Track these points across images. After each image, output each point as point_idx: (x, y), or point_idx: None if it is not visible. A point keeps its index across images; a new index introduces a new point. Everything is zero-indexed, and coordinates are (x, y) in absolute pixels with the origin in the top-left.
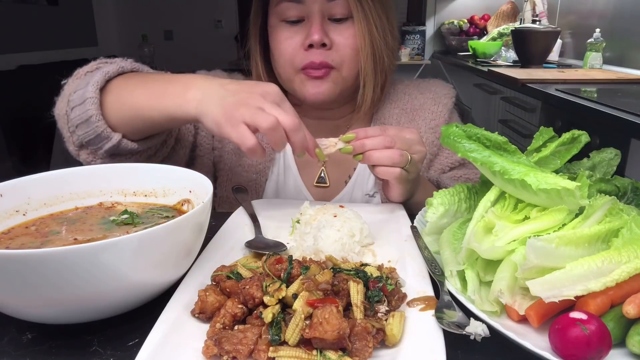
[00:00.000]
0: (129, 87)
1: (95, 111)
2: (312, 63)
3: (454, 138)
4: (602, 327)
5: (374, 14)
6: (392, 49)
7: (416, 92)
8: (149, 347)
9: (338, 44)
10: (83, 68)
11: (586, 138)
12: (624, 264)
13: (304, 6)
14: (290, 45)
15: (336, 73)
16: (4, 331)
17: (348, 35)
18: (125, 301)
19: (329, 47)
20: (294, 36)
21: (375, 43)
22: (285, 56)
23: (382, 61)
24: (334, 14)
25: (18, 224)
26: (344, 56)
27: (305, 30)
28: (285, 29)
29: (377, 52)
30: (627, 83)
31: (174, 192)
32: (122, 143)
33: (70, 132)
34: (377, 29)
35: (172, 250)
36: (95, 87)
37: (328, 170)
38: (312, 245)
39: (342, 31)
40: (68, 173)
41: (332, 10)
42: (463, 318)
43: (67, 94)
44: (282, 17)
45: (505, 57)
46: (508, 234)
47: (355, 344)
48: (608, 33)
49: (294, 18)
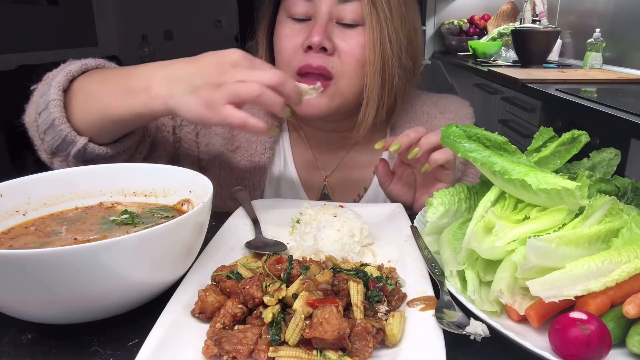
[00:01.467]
0: (91, 86)
1: (58, 114)
2: (309, 66)
3: (454, 138)
4: (602, 327)
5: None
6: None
7: (435, 111)
8: (149, 347)
9: (341, 51)
10: (52, 71)
11: (586, 138)
12: (624, 264)
13: (313, 4)
14: (290, 43)
15: (333, 86)
16: (4, 331)
17: (355, 44)
18: (125, 301)
19: (330, 52)
20: (296, 34)
21: (387, 59)
22: (283, 54)
23: (391, 80)
24: (343, 17)
25: (18, 224)
26: (346, 66)
27: (309, 28)
28: (290, 25)
29: (387, 69)
30: (627, 83)
31: (174, 192)
32: (88, 147)
33: (41, 139)
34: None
35: (172, 250)
36: (57, 88)
37: (331, 185)
38: (312, 245)
39: (349, 38)
40: (68, 173)
41: (342, 14)
42: (463, 318)
43: (35, 100)
44: (289, 12)
45: (505, 57)
46: (508, 234)
47: (355, 344)
48: (608, 33)
49: (301, 15)
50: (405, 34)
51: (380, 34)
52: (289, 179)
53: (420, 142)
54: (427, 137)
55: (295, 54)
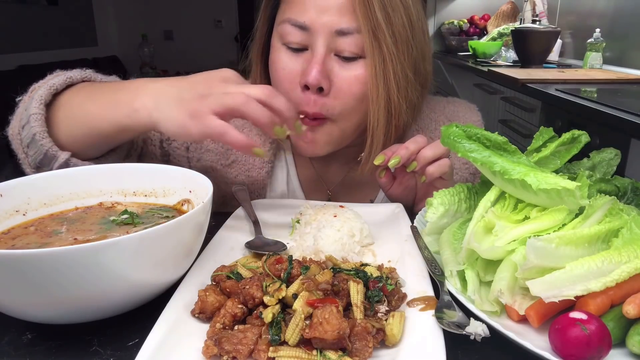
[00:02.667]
0: (76, 100)
1: (39, 128)
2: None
3: (454, 138)
4: (602, 327)
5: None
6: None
7: (443, 119)
8: (149, 347)
9: (338, 88)
10: (38, 83)
11: (586, 138)
12: (624, 264)
13: (309, 34)
14: (287, 77)
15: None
16: (4, 331)
17: (354, 80)
18: (125, 301)
19: (327, 92)
20: (293, 66)
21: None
22: (281, 89)
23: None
24: (342, 50)
25: (18, 224)
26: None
27: (305, 61)
28: (285, 55)
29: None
30: (627, 83)
31: (174, 192)
32: (70, 162)
33: (25, 152)
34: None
35: (172, 250)
36: (39, 102)
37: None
38: (312, 245)
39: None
40: (68, 173)
41: (340, 46)
42: (463, 318)
43: (19, 112)
44: (283, 39)
45: (505, 57)
46: (508, 234)
47: (355, 344)
48: (608, 33)
49: (296, 45)
50: (412, 64)
51: (384, 68)
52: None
53: (418, 156)
54: (424, 151)
55: (293, 89)
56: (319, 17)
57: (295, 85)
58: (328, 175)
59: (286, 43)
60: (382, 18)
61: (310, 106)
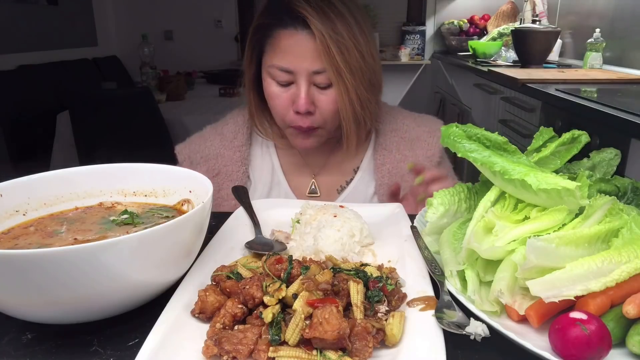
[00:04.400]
0: None
1: None
2: (300, 127)
3: (454, 138)
4: (602, 327)
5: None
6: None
7: (414, 124)
8: (149, 347)
9: (321, 108)
10: None
11: (586, 138)
12: (624, 264)
13: (293, 75)
14: (281, 104)
15: (321, 130)
16: (4, 331)
17: (330, 102)
18: (125, 301)
19: (314, 112)
20: (284, 95)
21: (356, 106)
22: (276, 112)
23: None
24: (319, 82)
25: (18, 224)
26: (327, 118)
27: (294, 93)
28: (277, 88)
29: (357, 112)
30: (627, 83)
31: (174, 192)
32: None
33: None
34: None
35: (172, 250)
36: None
37: (318, 181)
38: (312, 245)
39: (326, 97)
40: (68, 173)
41: (316, 80)
42: (463, 318)
43: None
44: (273, 78)
45: (505, 57)
46: (508, 234)
47: (355, 344)
48: (608, 33)
49: (284, 82)
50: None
51: (347, 92)
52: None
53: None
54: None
55: (287, 112)
56: (300, 63)
57: (289, 109)
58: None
59: (276, 80)
60: (340, 60)
61: (303, 121)
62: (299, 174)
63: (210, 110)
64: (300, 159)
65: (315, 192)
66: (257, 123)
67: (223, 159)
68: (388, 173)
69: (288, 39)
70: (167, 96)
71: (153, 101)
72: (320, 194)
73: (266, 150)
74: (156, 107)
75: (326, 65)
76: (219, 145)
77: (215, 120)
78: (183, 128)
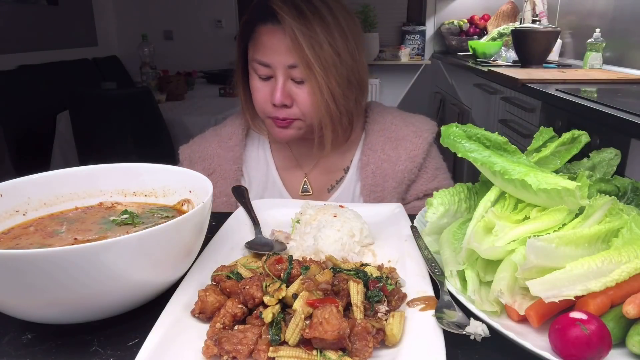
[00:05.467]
0: None
1: None
2: (277, 118)
3: (454, 138)
4: (602, 327)
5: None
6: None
7: (402, 124)
8: (149, 347)
9: (298, 101)
10: None
11: (586, 138)
12: (624, 264)
13: (271, 68)
14: (262, 96)
15: (299, 121)
16: (4, 331)
17: (305, 96)
18: (125, 301)
19: (290, 105)
20: (264, 89)
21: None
22: (257, 104)
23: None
24: (295, 77)
25: (18, 224)
26: (304, 110)
27: (272, 85)
28: (258, 82)
29: (331, 108)
30: (627, 83)
31: (174, 192)
32: None
33: None
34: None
35: (172, 250)
36: None
37: (310, 179)
38: (312, 245)
39: (301, 91)
40: (68, 173)
41: (292, 74)
42: (463, 318)
43: None
44: (255, 71)
45: (505, 57)
46: (508, 234)
47: (355, 344)
48: (608, 33)
49: (264, 76)
50: (344, 75)
51: (319, 87)
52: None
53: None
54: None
55: (266, 104)
56: (276, 57)
57: (267, 102)
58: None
59: (257, 74)
60: (311, 55)
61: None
62: (292, 173)
63: (210, 111)
64: (293, 158)
65: (307, 191)
66: (249, 118)
67: (218, 158)
68: (372, 173)
69: (266, 35)
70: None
71: (153, 101)
72: (312, 192)
73: (262, 150)
74: (156, 107)
75: (297, 59)
76: (215, 146)
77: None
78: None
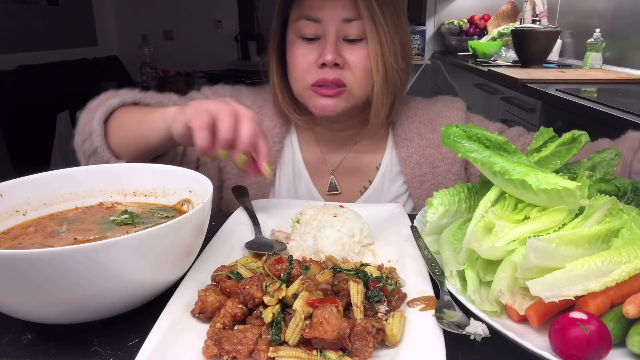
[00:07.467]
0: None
1: (99, 142)
2: (324, 80)
3: (454, 138)
4: (602, 327)
5: (387, 37)
6: (403, 70)
7: (429, 106)
8: (149, 347)
9: (351, 63)
10: (95, 100)
11: (586, 138)
12: (624, 264)
13: (321, 25)
14: (304, 62)
15: (348, 92)
16: (4, 331)
17: (361, 57)
18: (125, 301)
19: (342, 66)
20: (309, 53)
21: (388, 65)
22: (298, 71)
23: (393, 82)
24: (349, 34)
25: (18, 224)
26: (356, 76)
27: (320, 48)
28: (302, 45)
29: (389, 74)
30: (627, 83)
31: (174, 192)
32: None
33: (87, 161)
34: (389, 51)
35: (172, 250)
36: (99, 120)
37: (338, 178)
38: (312, 245)
39: (356, 52)
40: (68, 173)
41: (347, 31)
42: (463, 318)
43: (80, 128)
44: (299, 33)
45: (505, 57)
46: (508, 234)
47: (355, 344)
48: (608, 33)
49: (311, 35)
50: (400, 41)
51: (381, 45)
52: (299, 173)
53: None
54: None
55: (309, 70)
56: (329, 12)
57: (312, 66)
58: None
59: (302, 35)
60: (377, 8)
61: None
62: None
63: None
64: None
65: (335, 189)
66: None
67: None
68: (417, 164)
69: None
70: None
71: None
72: (341, 191)
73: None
74: None
75: (362, 11)
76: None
77: None
78: None
